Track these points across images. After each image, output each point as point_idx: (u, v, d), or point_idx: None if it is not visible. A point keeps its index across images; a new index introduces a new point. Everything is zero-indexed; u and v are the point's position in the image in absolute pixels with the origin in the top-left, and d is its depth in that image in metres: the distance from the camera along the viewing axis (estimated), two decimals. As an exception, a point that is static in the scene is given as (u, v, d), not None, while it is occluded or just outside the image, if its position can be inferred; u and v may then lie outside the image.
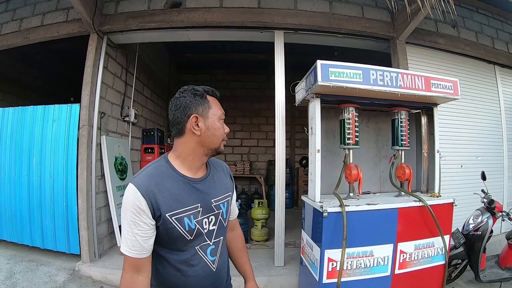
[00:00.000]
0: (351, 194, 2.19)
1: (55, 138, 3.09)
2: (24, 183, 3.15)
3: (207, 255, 0.98)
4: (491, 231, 2.38)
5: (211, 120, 0.95)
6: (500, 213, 2.37)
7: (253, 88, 6.90)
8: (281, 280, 2.74)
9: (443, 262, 2.17)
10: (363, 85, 1.97)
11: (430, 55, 3.43)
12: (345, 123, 2.17)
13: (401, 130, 2.30)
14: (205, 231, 0.97)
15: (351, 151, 2.22)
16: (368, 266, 1.98)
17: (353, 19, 3.22)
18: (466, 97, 3.35)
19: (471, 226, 2.42)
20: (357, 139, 2.18)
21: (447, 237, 2.14)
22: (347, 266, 1.92)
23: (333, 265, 1.92)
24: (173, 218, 0.89)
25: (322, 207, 1.89)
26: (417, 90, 2.10)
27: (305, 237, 2.31)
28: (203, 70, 6.90)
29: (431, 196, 2.26)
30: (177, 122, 0.94)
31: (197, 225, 0.94)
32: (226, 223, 1.06)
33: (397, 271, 2.04)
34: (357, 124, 2.19)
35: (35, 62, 5.14)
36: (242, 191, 6.11)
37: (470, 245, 2.40)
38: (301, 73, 2.35)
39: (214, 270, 1.00)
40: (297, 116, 6.46)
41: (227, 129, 1.01)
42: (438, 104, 2.39)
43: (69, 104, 3.11)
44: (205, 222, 0.97)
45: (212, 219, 0.99)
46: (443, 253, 2.15)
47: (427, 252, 2.12)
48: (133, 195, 0.87)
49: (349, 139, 2.16)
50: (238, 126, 6.70)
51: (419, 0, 2.39)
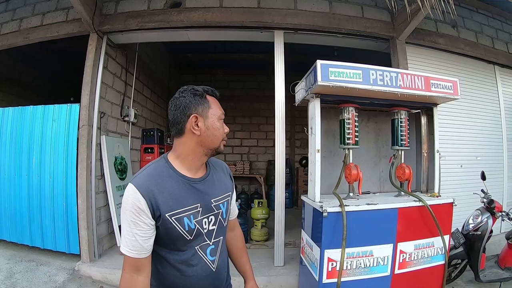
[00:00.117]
0: (351, 194, 2.19)
1: (55, 138, 3.09)
2: (24, 183, 3.14)
3: (206, 255, 0.98)
4: (491, 231, 2.38)
5: (210, 120, 0.95)
6: (500, 213, 2.37)
7: (253, 88, 6.90)
8: (281, 280, 2.74)
9: (443, 262, 2.17)
10: (363, 85, 1.97)
11: (430, 55, 3.43)
12: (345, 123, 2.18)
13: (401, 130, 2.30)
14: (205, 231, 0.97)
15: (351, 151, 2.22)
16: (368, 266, 1.98)
17: (353, 19, 3.22)
18: (466, 97, 3.35)
19: (471, 226, 2.42)
20: (357, 139, 2.19)
21: (447, 237, 2.14)
22: (347, 266, 1.92)
23: (333, 265, 1.92)
24: (172, 218, 0.89)
25: (322, 207, 1.89)
26: (417, 90, 2.10)
27: (305, 237, 2.31)
28: (203, 70, 6.90)
29: (431, 196, 2.26)
30: (176, 122, 0.94)
31: (197, 225, 0.94)
32: (225, 223, 1.06)
33: (397, 271, 2.04)
34: (357, 124, 2.19)
35: (35, 62, 5.14)
36: (242, 191, 6.11)
37: (470, 245, 2.40)
38: (301, 73, 2.35)
39: (214, 270, 1.00)
40: (297, 116, 6.46)
41: (226, 129, 1.01)
42: (438, 104, 2.40)
43: (69, 104, 3.11)
44: (205, 222, 0.97)
45: (211, 219, 0.99)
46: (443, 253, 2.15)
47: (427, 252, 2.12)
48: (132, 195, 0.87)
49: (349, 139, 2.17)
50: (238, 126, 6.70)
51: (419, 0, 2.39)
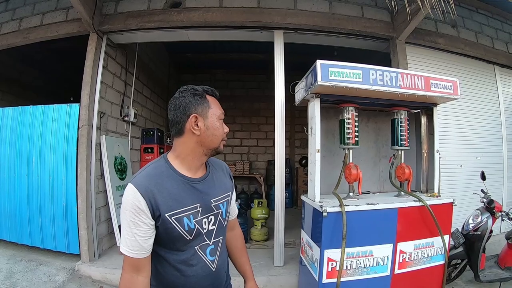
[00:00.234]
0: (351, 194, 2.19)
1: (54, 137, 3.08)
2: (24, 183, 3.14)
3: (206, 255, 0.98)
4: (491, 231, 2.38)
5: (210, 120, 0.95)
6: (500, 213, 2.37)
7: (253, 88, 6.90)
8: (281, 280, 2.74)
9: (442, 262, 2.17)
10: (363, 85, 1.97)
11: (430, 55, 3.43)
12: (345, 123, 2.17)
13: (400, 130, 2.30)
14: (205, 231, 0.97)
15: (350, 151, 2.22)
16: (367, 266, 1.98)
17: (353, 19, 3.22)
18: (466, 97, 3.35)
19: (470, 226, 2.42)
20: (356, 139, 2.18)
21: (446, 237, 2.14)
22: (346, 266, 1.92)
23: (332, 265, 1.92)
24: (172, 218, 0.89)
25: (322, 207, 1.89)
26: (417, 90, 2.10)
27: (305, 237, 2.31)
28: (202, 70, 6.90)
29: (430, 196, 2.26)
30: (176, 121, 0.94)
31: (197, 225, 0.94)
32: (225, 223, 1.06)
33: (396, 271, 2.04)
34: (356, 124, 2.19)
35: (34, 62, 5.14)
36: (242, 191, 6.11)
37: (470, 245, 2.40)
38: (300, 73, 2.35)
39: (214, 270, 1.00)
40: (296, 116, 6.47)
41: (226, 129, 1.01)
42: (438, 104, 2.40)
43: (68, 104, 3.11)
44: (205, 222, 0.97)
45: (211, 219, 0.99)
46: (442, 253, 2.15)
47: (427, 252, 2.12)
48: (132, 195, 0.86)
49: (348, 139, 2.16)
50: (237, 126, 6.70)
51: (419, 0, 2.39)
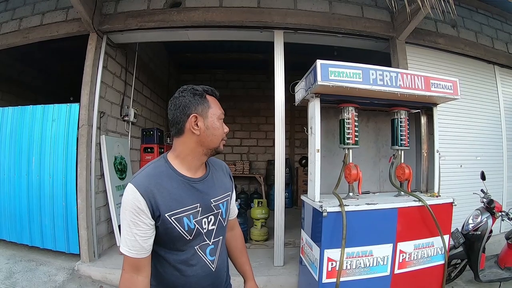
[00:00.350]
0: (351, 194, 2.19)
1: (54, 137, 3.08)
2: (24, 182, 3.14)
3: (206, 255, 0.98)
4: (491, 231, 2.38)
5: (210, 120, 0.95)
6: (500, 213, 2.37)
7: (253, 87, 6.90)
8: (281, 280, 2.74)
9: (442, 262, 2.17)
10: (363, 85, 1.97)
11: (430, 55, 3.43)
12: (345, 123, 2.17)
13: (400, 130, 2.30)
14: (205, 231, 0.97)
15: (350, 150, 2.22)
16: (367, 265, 1.98)
17: (352, 18, 3.22)
18: (466, 97, 3.35)
19: (470, 226, 2.42)
20: (356, 138, 2.18)
21: (446, 237, 2.14)
22: (346, 265, 1.92)
23: (332, 264, 1.92)
24: (172, 218, 0.89)
25: (322, 207, 1.89)
26: (417, 90, 2.10)
27: (305, 236, 2.31)
28: (202, 69, 6.90)
29: (430, 196, 2.26)
30: (176, 121, 0.94)
31: (197, 225, 0.94)
32: (225, 223, 1.06)
33: (396, 271, 2.04)
34: (356, 124, 2.19)
35: (34, 62, 5.13)
36: (242, 190, 6.11)
37: (470, 245, 2.40)
38: (300, 72, 2.35)
39: (214, 270, 0.99)
40: (296, 116, 6.47)
41: (226, 129, 1.01)
42: (438, 104, 2.40)
43: (68, 104, 3.11)
44: (205, 222, 0.97)
45: (211, 219, 0.99)
46: (442, 253, 2.15)
47: (427, 252, 2.12)
48: (132, 195, 0.86)
49: (348, 138, 2.16)
50: (237, 125, 6.71)
51: (419, 0, 2.39)
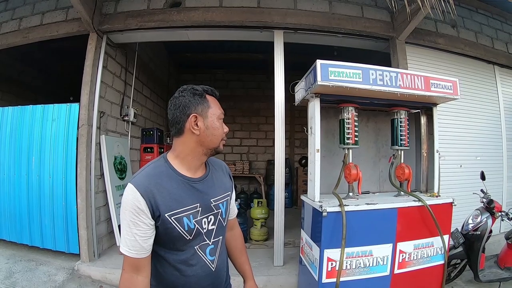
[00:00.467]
0: (351, 194, 2.20)
1: (54, 137, 3.08)
2: (24, 182, 3.14)
3: (206, 255, 0.98)
4: (490, 231, 2.38)
5: (210, 120, 0.95)
6: (499, 213, 2.37)
7: (253, 87, 6.90)
8: (281, 280, 2.74)
9: (442, 262, 2.17)
10: (363, 85, 1.97)
11: (429, 55, 3.43)
12: (345, 123, 2.18)
13: (400, 130, 2.30)
14: (204, 231, 0.97)
15: (350, 150, 2.22)
16: (367, 265, 1.98)
17: (352, 18, 3.22)
18: (466, 97, 3.35)
19: (470, 226, 2.42)
20: (356, 138, 2.19)
21: (446, 237, 2.14)
22: (346, 265, 1.93)
23: (332, 264, 1.92)
24: (172, 218, 0.89)
25: (322, 207, 1.90)
26: (417, 90, 2.10)
27: (305, 236, 2.31)
28: (202, 69, 6.90)
29: (430, 196, 2.26)
30: (176, 121, 0.94)
31: (196, 225, 0.94)
32: (225, 223, 1.06)
33: (396, 271, 2.04)
34: (356, 123, 2.19)
35: (34, 62, 5.13)
36: (242, 190, 6.12)
37: (469, 245, 2.40)
38: (300, 72, 2.35)
39: (213, 270, 1.00)
40: (296, 116, 6.47)
41: (226, 129, 1.01)
42: (438, 104, 2.40)
43: (68, 104, 3.11)
44: (204, 221, 0.97)
45: (211, 218, 0.99)
46: (442, 253, 2.15)
47: (427, 252, 2.13)
48: (132, 195, 0.86)
49: (348, 138, 2.17)
50: (237, 125, 6.71)
51: (419, 0, 2.39)
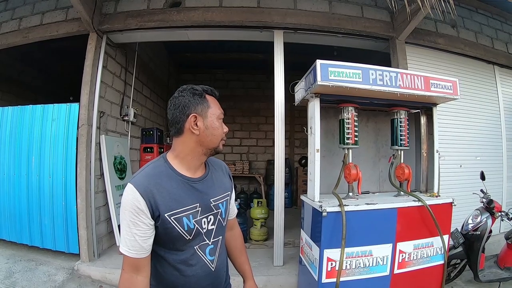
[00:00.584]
0: (350, 194, 2.20)
1: (54, 137, 3.08)
2: (23, 182, 3.14)
3: (206, 255, 0.98)
4: (490, 231, 2.38)
5: (210, 120, 0.95)
6: (499, 213, 2.37)
7: (253, 87, 6.90)
8: (280, 280, 2.74)
9: (442, 262, 2.17)
10: (363, 85, 1.97)
11: (429, 55, 3.43)
12: (345, 123, 2.18)
13: (400, 130, 2.30)
14: (204, 230, 0.97)
15: (350, 150, 2.22)
16: (367, 265, 1.98)
17: (352, 18, 3.22)
18: (466, 97, 3.36)
19: (470, 226, 2.42)
20: (356, 138, 2.19)
21: (446, 237, 2.14)
22: (346, 265, 1.93)
23: (332, 264, 1.92)
24: (172, 218, 0.89)
25: (321, 207, 1.90)
26: (417, 90, 2.10)
27: (304, 236, 2.31)
28: (202, 69, 6.90)
29: (430, 196, 2.27)
30: (176, 121, 0.94)
31: (196, 225, 0.94)
32: (225, 223, 1.06)
33: (396, 271, 2.04)
34: (356, 123, 2.19)
35: (34, 61, 5.12)
36: (241, 190, 6.12)
37: (469, 245, 2.40)
38: (300, 72, 2.35)
39: (213, 270, 1.00)
40: (296, 116, 6.47)
41: (226, 129, 1.01)
42: (438, 104, 2.40)
43: (68, 103, 3.10)
44: (204, 221, 0.97)
45: (211, 218, 0.99)
46: (442, 253, 2.15)
47: (426, 252, 2.13)
48: (131, 195, 0.86)
49: (348, 138, 2.17)
50: (237, 125, 6.70)
51: (419, 0, 2.39)
